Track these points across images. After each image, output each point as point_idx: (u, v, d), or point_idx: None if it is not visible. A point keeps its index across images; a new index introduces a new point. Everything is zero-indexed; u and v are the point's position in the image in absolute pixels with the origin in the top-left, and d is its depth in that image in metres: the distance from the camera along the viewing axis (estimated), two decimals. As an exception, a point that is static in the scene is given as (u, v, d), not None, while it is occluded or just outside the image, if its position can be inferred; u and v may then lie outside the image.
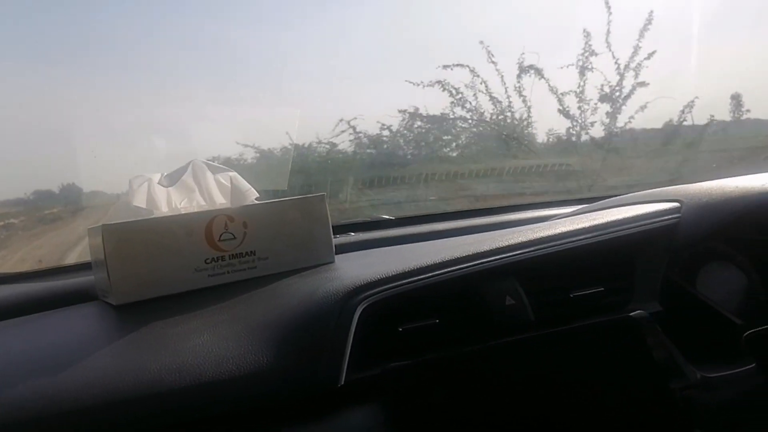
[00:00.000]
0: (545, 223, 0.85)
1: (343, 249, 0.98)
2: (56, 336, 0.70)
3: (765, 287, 0.83)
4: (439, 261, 0.65)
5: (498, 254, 0.66)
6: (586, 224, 0.72)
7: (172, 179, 0.81)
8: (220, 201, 0.85)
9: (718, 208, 0.74)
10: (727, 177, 0.90)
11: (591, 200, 1.17)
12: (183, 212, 0.82)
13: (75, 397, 0.52)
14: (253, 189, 0.84)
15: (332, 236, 0.88)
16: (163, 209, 0.81)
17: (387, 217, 1.32)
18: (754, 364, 0.65)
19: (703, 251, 0.86)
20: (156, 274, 0.76)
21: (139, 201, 0.80)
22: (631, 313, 0.66)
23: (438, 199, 1.39)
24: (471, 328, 0.64)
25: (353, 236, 1.13)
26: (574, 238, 0.69)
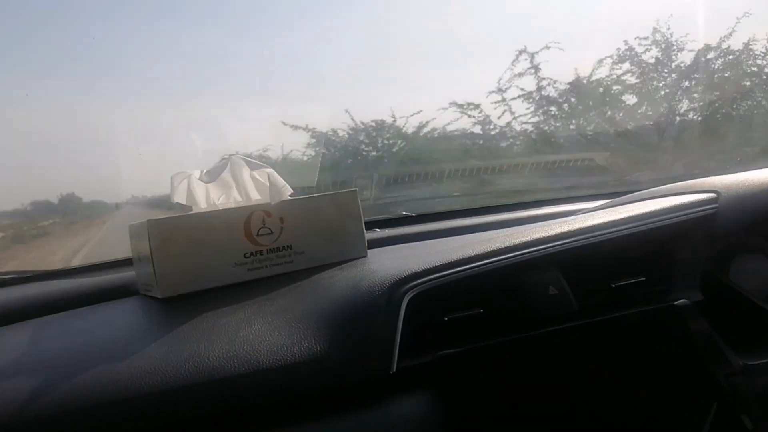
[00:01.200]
0: (582, 215, 0.86)
1: (369, 245, 0.99)
2: (107, 328, 0.72)
3: None
4: (483, 252, 0.66)
5: (541, 245, 0.67)
6: (626, 215, 0.72)
7: (212, 175, 0.82)
8: (256, 197, 0.86)
9: (756, 199, 0.75)
10: (752, 169, 0.91)
11: (616, 195, 1.17)
12: (221, 208, 0.84)
13: (137, 384, 0.53)
14: (288, 185, 0.85)
15: (364, 231, 0.89)
16: (202, 205, 0.83)
17: (407, 213, 1.33)
18: None
19: (734, 242, 0.86)
20: (198, 268, 0.77)
21: (180, 197, 0.81)
22: (675, 302, 0.67)
23: (462, 195, 1.40)
24: (515, 318, 0.65)
25: (378, 232, 1.14)
26: (615, 228, 0.69)
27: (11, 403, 0.52)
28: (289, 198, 0.84)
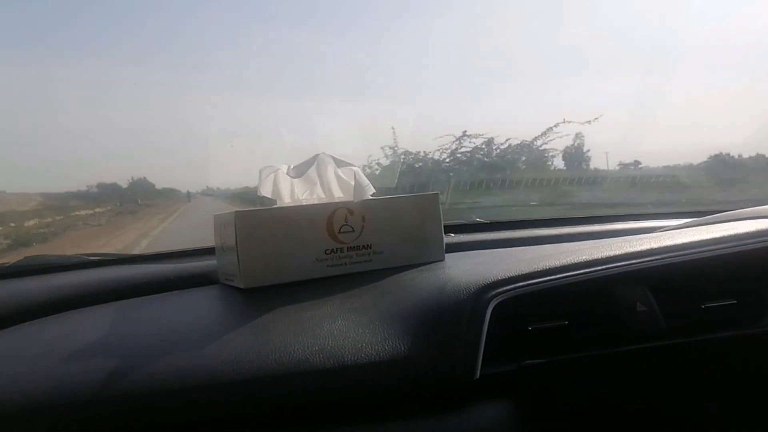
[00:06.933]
0: (670, 231, 0.83)
1: (446, 249, 0.99)
2: (189, 314, 0.74)
3: None
4: (571, 263, 0.65)
5: (630, 259, 0.65)
6: (719, 234, 0.70)
7: (299, 171, 0.84)
8: (338, 195, 0.87)
9: None
10: None
11: (699, 214, 1.13)
12: (304, 203, 0.85)
13: (222, 372, 0.55)
14: (371, 185, 0.86)
15: (444, 234, 0.89)
16: (286, 200, 0.84)
17: (481, 220, 1.33)
18: None
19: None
20: (281, 261, 0.79)
21: (266, 190, 0.83)
22: None
23: (539, 205, 1.38)
24: (601, 333, 0.63)
25: (453, 237, 1.13)
26: (707, 248, 0.67)
27: (89, 383, 0.53)
28: (372, 198, 0.85)
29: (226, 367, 0.55)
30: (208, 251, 1.04)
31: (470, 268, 0.74)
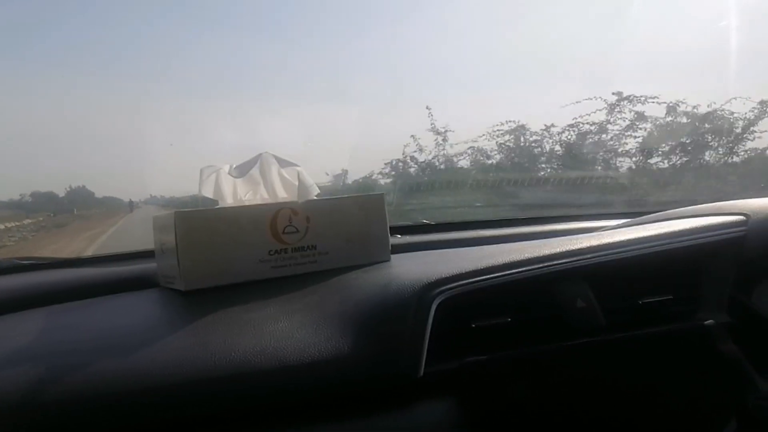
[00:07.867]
0: (609, 231, 0.85)
1: (391, 250, 0.99)
2: (127, 317, 0.71)
3: None
4: (513, 261, 0.65)
5: (570, 257, 0.66)
6: (655, 232, 0.72)
7: (241, 171, 0.82)
8: (282, 195, 0.86)
9: None
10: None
11: (636, 214, 1.17)
12: (247, 204, 0.84)
13: (160, 375, 0.53)
14: (315, 185, 0.85)
15: (389, 235, 0.89)
16: (229, 200, 0.83)
17: (427, 221, 1.34)
18: None
19: (762, 266, 0.85)
20: (222, 263, 0.77)
21: (207, 191, 0.81)
22: (704, 322, 0.66)
23: (484, 206, 1.40)
24: (542, 329, 0.64)
25: (399, 238, 1.13)
26: (644, 245, 0.69)
27: (15, 391, 0.50)
28: (316, 198, 0.84)
29: (162, 371, 0.53)
30: (147, 254, 1.01)
31: (415, 267, 0.74)
